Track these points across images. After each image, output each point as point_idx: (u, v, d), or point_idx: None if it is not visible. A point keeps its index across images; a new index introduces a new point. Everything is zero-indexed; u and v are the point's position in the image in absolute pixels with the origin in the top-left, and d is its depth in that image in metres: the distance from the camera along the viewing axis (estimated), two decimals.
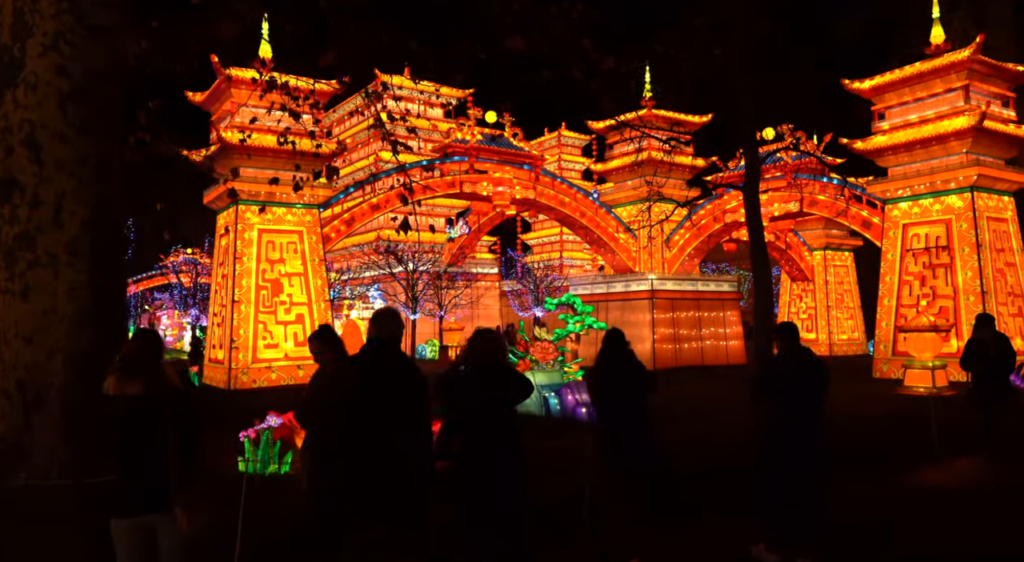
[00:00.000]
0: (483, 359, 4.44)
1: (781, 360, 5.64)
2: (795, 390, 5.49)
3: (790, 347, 5.64)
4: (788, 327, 5.68)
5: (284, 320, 20.12)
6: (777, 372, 5.61)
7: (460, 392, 4.42)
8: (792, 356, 5.60)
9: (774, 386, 5.59)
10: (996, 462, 9.09)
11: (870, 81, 20.99)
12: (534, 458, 9.88)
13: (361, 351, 4.05)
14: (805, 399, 5.52)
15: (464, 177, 24.74)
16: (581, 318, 21.55)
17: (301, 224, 20.87)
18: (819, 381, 5.54)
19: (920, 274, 20.22)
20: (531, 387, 4.61)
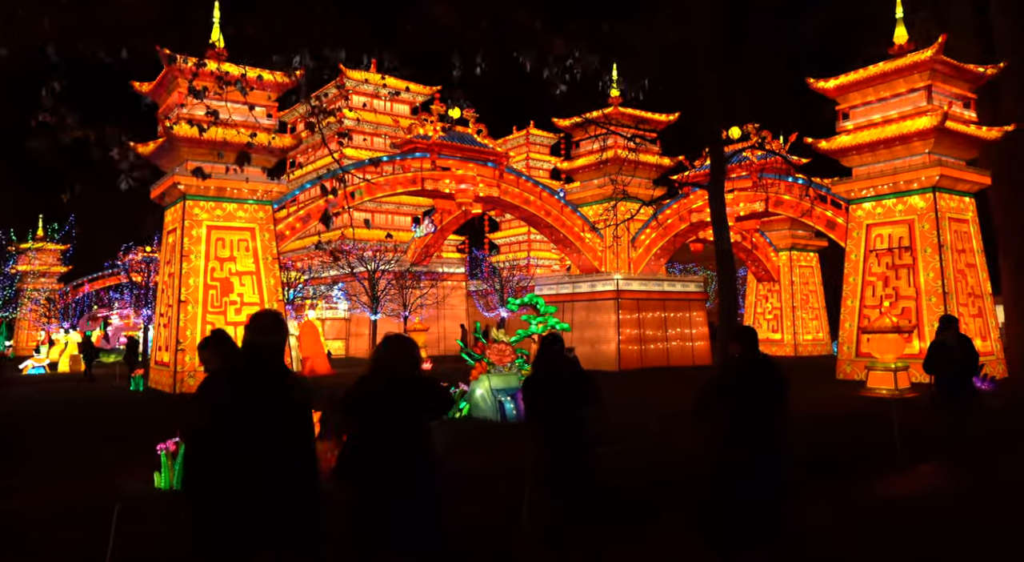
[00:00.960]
0: (391, 369, 3.87)
1: (735, 366, 5.18)
2: (750, 398, 5.03)
3: (746, 353, 5.18)
4: (746, 332, 5.21)
5: (235, 321, 19.25)
6: (726, 381, 5.13)
7: (363, 406, 3.85)
8: (748, 362, 5.15)
9: (722, 396, 5.12)
10: (959, 467, 8.79)
11: (834, 80, 20.87)
12: (483, 466, 9.40)
13: (228, 364, 3.45)
14: (761, 408, 5.07)
15: (426, 174, 24.09)
16: (544, 319, 21.09)
17: (253, 221, 20.04)
18: (777, 389, 5.10)
19: (883, 275, 20.14)
20: (449, 400, 4.06)
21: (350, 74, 43.98)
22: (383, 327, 38.47)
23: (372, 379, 3.90)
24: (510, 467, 8.46)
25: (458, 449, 10.37)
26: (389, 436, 3.74)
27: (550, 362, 5.09)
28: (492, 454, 10.03)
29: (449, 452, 9.90)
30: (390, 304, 32.59)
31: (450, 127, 25.69)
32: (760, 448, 4.99)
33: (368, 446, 3.74)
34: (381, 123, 45.01)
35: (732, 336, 5.28)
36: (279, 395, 3.32)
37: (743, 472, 4.96)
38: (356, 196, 22.31)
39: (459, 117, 25.60)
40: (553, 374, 5.10)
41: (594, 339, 26.60)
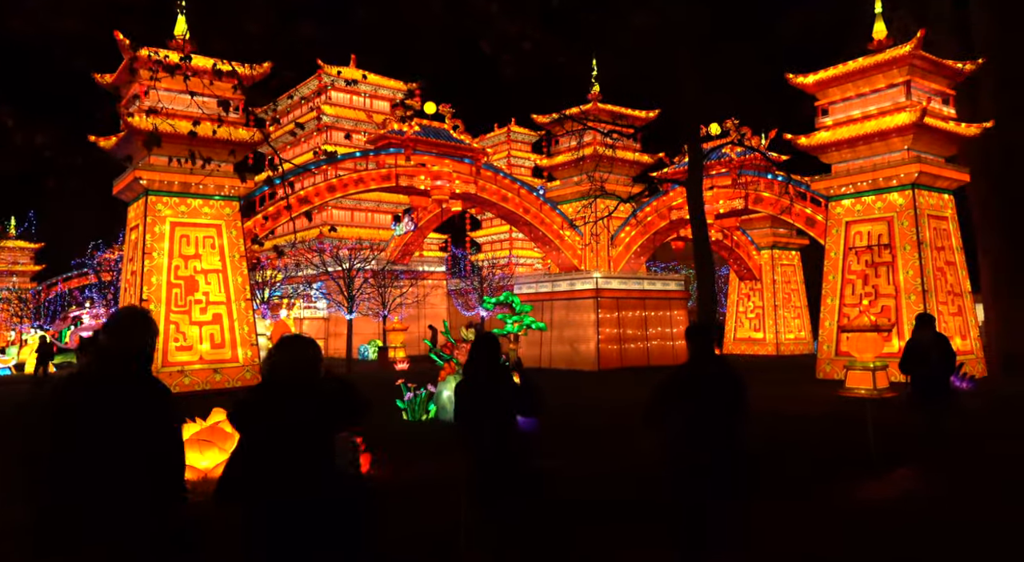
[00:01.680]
0: (284, 375, 3.40)
1: (687, 367, 4.76)
2: (707, 400, 4.62)
3: (699, 353, 4.77)
4: (698, 330, 4.80)
5: (199, 320, 18.67)
6: (680, 383, 4.72)
7: (250, 418, 3.38)
8: (701, 363, 4.73)
9: (677, 399, 4.70)
10: (933, 470, 8.45)
11: (814, 76, 20.60)
12: (440, 475, 8.94)
13: (77, 370, 2.99)
14: (720, 410, 4.65)
15: (400, 170, 23.58)
16: (519, 318, 20.68)
17: (220, 217, 19.43)
18: (732, 394, 4.69)
19: (863, 273, 19.90)
20: (359, 409, 3.59)
21: (328, 70, 43.32)
22: (361, 327, 37.92)
23: (263, 387, 3.44)
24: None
25: (421, 456, 9.91)
26: (280, 450, 3.28)
27: (480, 365, 4.57)
28: (454, 461, 9.57)
29: (391, 462, 9.45)
30: (365, 303, 31.98)
31: (428, 124, 25.21)
32: (720, 450, 4.60)
33: (255, 463, 3.28)
34: (361, 120, 44.39)
35: (686, 335, 4.87)
36: (133, 402, 2.86)
37: (703, 475, 4.58)
38: (320, 195, 21.77)
39: (435, 112, 25.13)
40: (483, 381, 4.56)
41: (573, 338, 26.22)
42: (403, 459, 9.55)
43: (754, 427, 11.27)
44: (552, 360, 26.73)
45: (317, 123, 43.27)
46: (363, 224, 43.71)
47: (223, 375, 18.72)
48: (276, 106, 48.25)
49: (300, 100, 46.38)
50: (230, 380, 18.82)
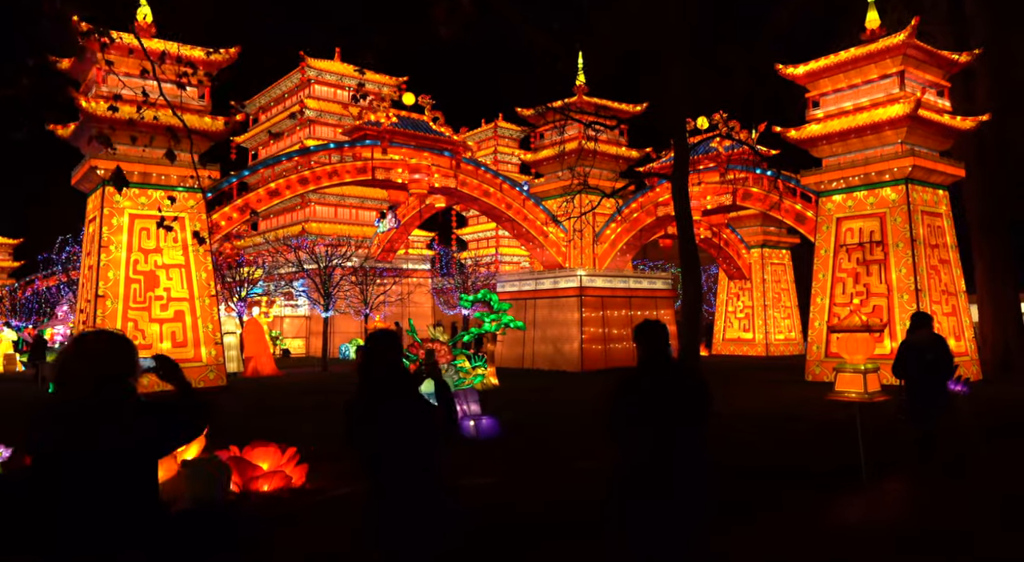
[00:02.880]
0: (81, 389, 2.59)
1: (636, 374, 3.96)
2: (661, 413, 3.82)
3: (652, 357, 3.96)
4: (648, 328, 4.00)
5: (160, 317, 17.77)
6: (629, 392, 3.91)
7: (40, 439, 2.56)
8: (652, 368, 3.93)
9: (628, 410, 3.90)
10: (926, 485, 7.68)
11: (804, 66, 19.86)
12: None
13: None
14: (672, 427, 3.85)
15: (377, 162, 22.70)
16: (497, 316, 19.85)
17: (183, 209, 18.52)
18: (691, 403, 3.88)
19: (854, 271, 19.17)
20: (190, 426, 2.78)
21: (312, 63, 42.39)
22: (344, 325, 37.02)
23: (61, 402, 2.62)
24: None
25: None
26: (83, 493, 2.47)
27: (376, 373, 3.68)
28: None
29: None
30: (342, 301, 31.07)
31: (406, 115, 24.35)
32: (677, 472, 3.80)
33: (56, 512, 2.47)
34: (345, 115, 43.44)
35: (634, 334, 4.06)
36: None
37: (657, 499, 3.79)
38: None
39: (414, 104, 24.28)
40: (379, 393, 3.54)
41: (556, 338, 25.42)
42: (346, 471, 8.70)
43: (735, 433, 10.48)
44: (535, 360, 25.93)
45: (300, 117, 42.32)
46: (347, 221, 42.82)
47: (187, 376, 17.80)
48: (259, 101, 47.31)
49: (283, 94, 45.42)
50: (193, 380, 17.60)
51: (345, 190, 42.12)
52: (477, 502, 6.92)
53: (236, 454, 7.25)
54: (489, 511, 6.63)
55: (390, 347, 3.63)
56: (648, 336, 3.97)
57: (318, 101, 42.31)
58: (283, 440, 10.85)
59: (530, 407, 14.59)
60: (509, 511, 6.77)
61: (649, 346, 3.95)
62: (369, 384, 3.57)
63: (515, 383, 19.91)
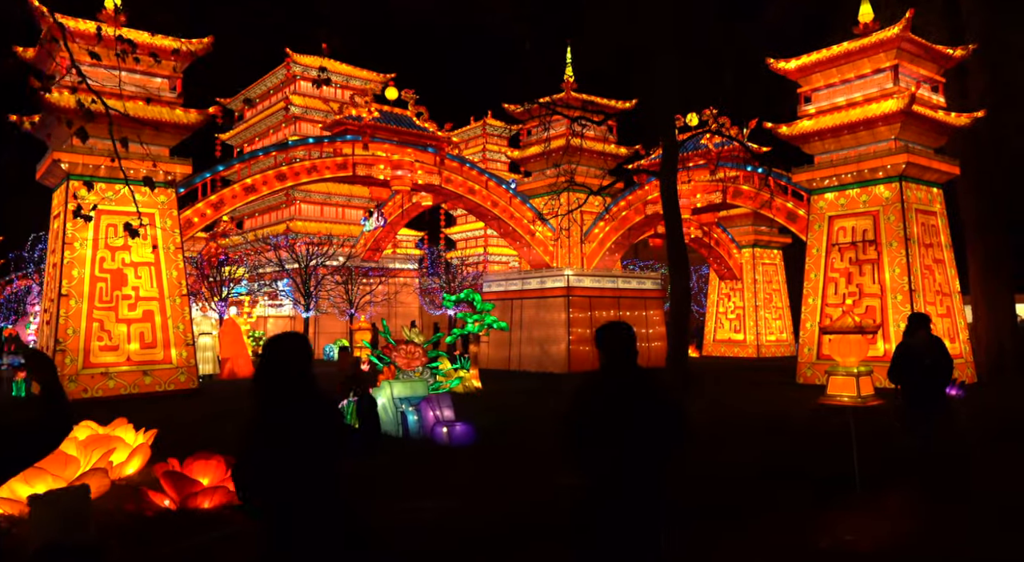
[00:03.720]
0: None
1: (593, 387, 3.36)
2: (611, 442, 3.23)
3: (614, 367, 3.37)
4: (610, 332, 3.41)
5: (128, 317, 17.07)
6: (584, 409, 3.32)
7: None
8: (612, 382, 3.33)
9: (581, 431, 3.31)
10: (925, 499, 7.12)
11: (796, 61, 19.36)
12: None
13: None
14: (628, 459, 3.24)
15: (358, 158, 22.05)
16: (480, 316, 19.25)
17: (153, 205, 17.83)
18: (656, 428, 3.28)
19: (846, 271, 18.66)
20: (40, 444, 2.21)
21: (297, 58, 41.65)
22: (330, 325, 36.32)
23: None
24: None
25: None
26: None
27: (277, 385, 2.99)
28: (371, 480, 8.11)
29: None
30: (326, 301, 30.46)
31: (388, 110, 23.71)
32: (627, 518, 3.21)
33: None
34: (332, 111, 42.72)
35: (595, 338, 3.48)
36: None
37: (611, 536, 3.20)
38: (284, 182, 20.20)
39: (397, 98, 23.65)
40: (281, 409, 2.89)
41: (543, 339, 24.83)
42: None
43: (720, 442, 9.89)
44: (521, 362, 25.33)
45: (285, 114, 41.58)
46: (333, 219, 42.10)
47: (154, 378, 17.14)
48: (244, 97, 46.52)
49: (268, 90, 44.66)
50: (162, 383, 17.25)
51: (331, 188, 41.42)
52: (424, 524, 6.32)
53: (174, 468, 6.61)
54: (435, 537, 6.01)
55: (294, 355, 3.01)
56: (610, 341, 3.37)
57: (303, 97, 41.58)
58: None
59: (512, 411, 13.98)
60: (459, 538, 6.15)
61: (612, 353, 3.36)
62: (262, 398, 2.95)
63: (499, 386, 19.30)
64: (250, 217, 45.87)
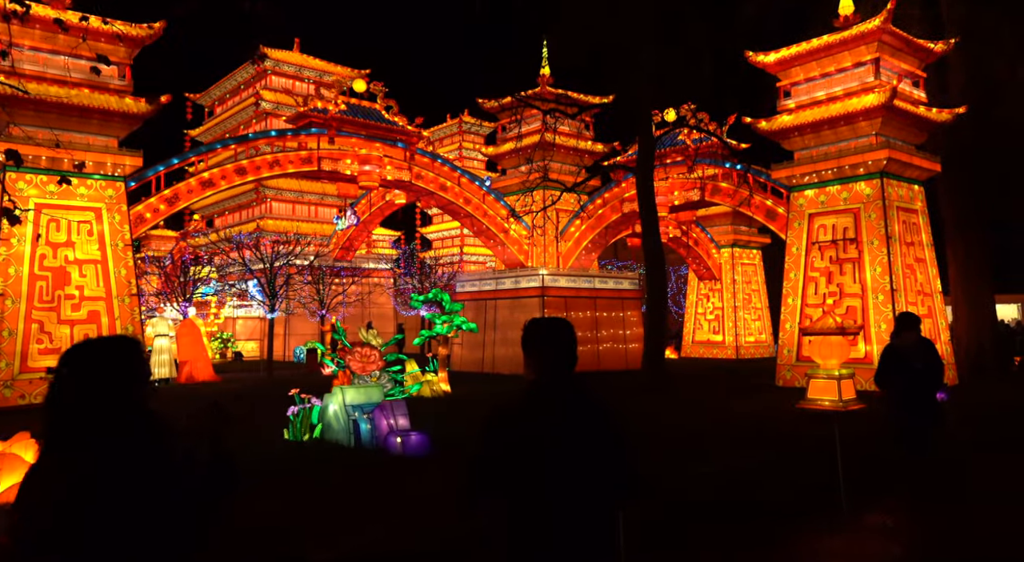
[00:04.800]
0: None
1: (525, 405, 2.57)
2: (534, 484, 2.43)
3: (543, 381, 2.58)
4: (539, 330, 2.64)
5: (71, 318, 16.03)
6: (510, 433, 2.53)
7: None
8: (539, 402, 2.54)
9: (502, 463, 2.51)
10: (919, 521, 6.45)
11: (775, 54, 18.81)
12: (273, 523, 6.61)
13: None
14: (560, 505, 2.44)
15: (323, 152, 21.14)
16: (449, 317, 18.44)
17: (99, 199, 16.80)
18: (594, 462, 2.50)
19: (827, 270, 18.12)
20: None
21: (270, 53, 40.54)
22: (300, 326, 35.26)
23: None
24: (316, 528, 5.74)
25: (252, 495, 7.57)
26: None
27: (67, 425, 2.16)
28: (300, 501, 7.27)
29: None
30: (295, 301, 29.40)
31: (356, 103, 22.81)
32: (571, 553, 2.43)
33: None
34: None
35: (523, 344, 2.70)
36: None
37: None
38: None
39: (365, 91, 22.76)
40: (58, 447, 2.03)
41: (518, 341, 23.84)
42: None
43: (689, 452, 9.17)
44: (495, 364, 24.56)
45: (255, 109, 40.43)
46: (305, 218, 41.02)
47: None
48: (214, 92, 45.29)
49: (239, 86, 43.47)
50: None
51: (303, 186, 40.36)
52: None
53: None
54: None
55: (98, 372, 2.17)
56: (543, 344, 2.58)
57: (275, 93, 40.46)
58: None
59: (477, 419, 13.17)
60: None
61: (545, 362, 2.57)
62: (51, 437, 2.11)
63: (470, 389, 18.51)
64: (220, 215, 44.65)
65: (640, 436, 10.88)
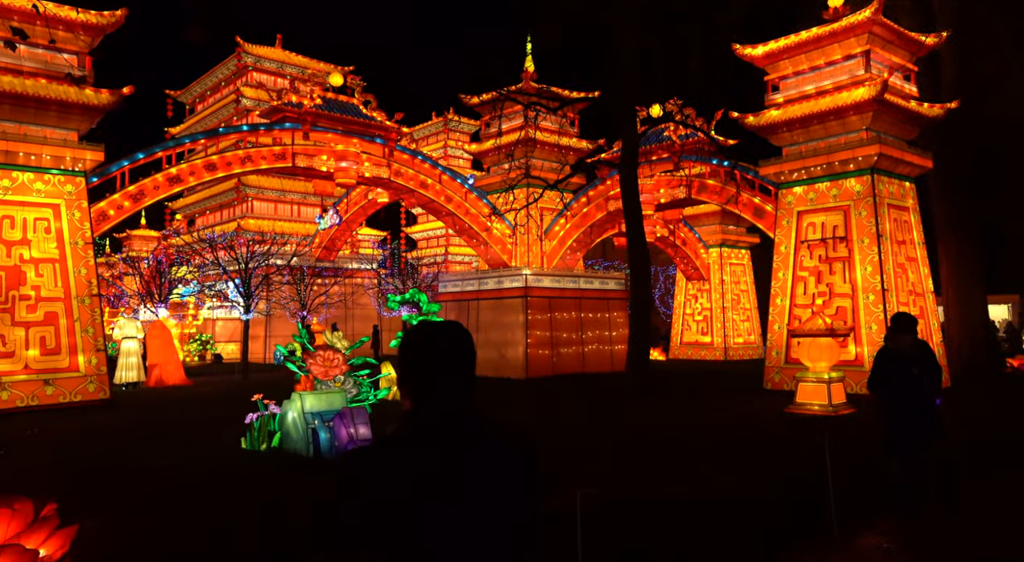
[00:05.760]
0: None
1: (400, 453, 1.87)
2: (446, 521, 1.76)
3: (432, 413, 1.89)
4: (423, 342, 1.94)
5: (26, 320, 15.24)
6: (390, 478, 1.84)
7: None
8: (427, 444, 1.84)
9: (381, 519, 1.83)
10: (919, 544, 5.86)
11: (763, 47, 18.26)
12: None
13: None
14: (477, 541, 1.78)
15: (298, 148, 20.42)
16: (426, 318, 17.77)
17: (58, 195, 16.02)
18: (507, 492, 1.84)
19: (816, 269, 17.58)
20: None
21: (249, 48, 39.74)
22: (282, 328, 34.44)
23: None
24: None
25: (179, 510, 6.89)
26: None
27: None
28: (251, 513, 6.59)
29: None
30: (274, 302, 28.65)
31: (332, 97, 22.09)
32: None
33: None
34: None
35: (401, 363, 2.01)
36: None
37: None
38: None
39: (342, 85, 22.04)
40: None
41: (500, 342, 23.42)
42: (146, 532, 6.53)
43: (666, 465, 8.53)
44: (479, 367, 23.72)
45: (236, 106, 39.58)
46: (287, 217, 40.24)
47: (57, 388, 15.33)
48: (194, 89, 44.41)
49: (219, 82, 42.61)
50: (67, 393, 15.44)
51: (285, 184, 39.58)
52: None
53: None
54: None
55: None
56: (425, 359, 1.91)
57: (256, 89, 39.61)
58: (129, 475, 8.64)
59: None
60: None
61: (426, 386, 1.89)
62: None
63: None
64: (202, 215, 43.79)
65: (616, 443, 10.30)
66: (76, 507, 7.12)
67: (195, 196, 41.74)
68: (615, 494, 7.05)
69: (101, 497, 7.62)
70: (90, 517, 6.77)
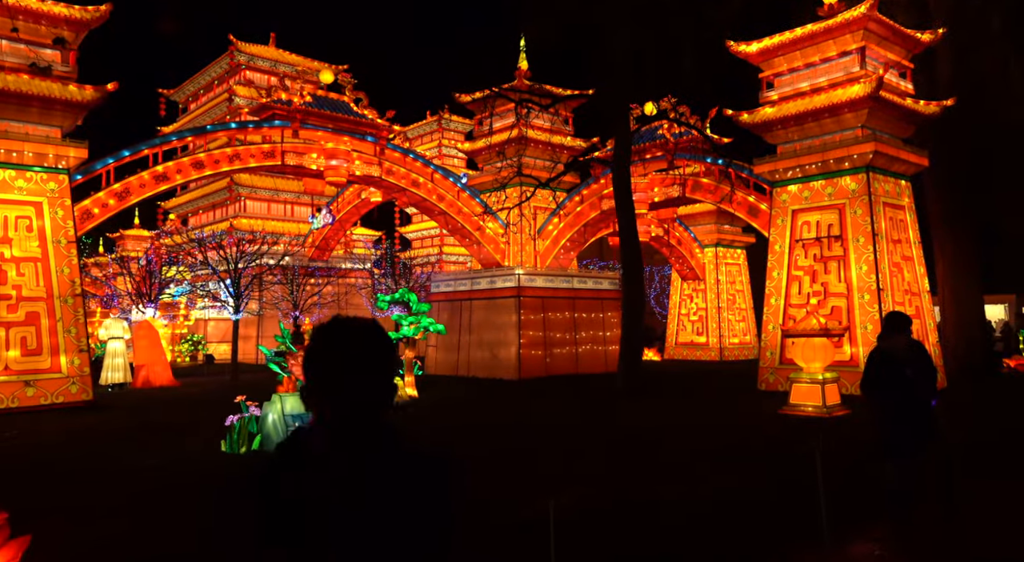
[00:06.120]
0: None
1: (293, 474, 1.61)
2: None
3: (343, 431, 1.61)
4: (329, 341, 1.66)
5: (6, 320, 14.97)
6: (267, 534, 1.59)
7: None
8: (330, 462, 1.58)
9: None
10: (913, 551, 5.62)
11: (758, 43, 18.04)
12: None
13: None
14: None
15: (287, 146, 20.15)
16: (416, 319, 17.55)
17: (40, 193, 15.74)
18: (411, 508, 1.57)
19: (811, 268, 17.37)
20: None
21: (242, 47, 39.47)
22: (272, 328, 34.14)
23: None
24: None
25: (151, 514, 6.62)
26: None
27: None
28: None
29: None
30: (264, 302, 28.35)
31: (323, 94, 21.82)
32: None
33: None
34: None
35: (306, 361, 1.74)
36: None
37: None
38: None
39: (332, 82, 21.78)
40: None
41: (493, 343, 23.18)
42: (111, 539, 6.26)
43: (656, 470, 8.28)
44: (471, 367, 23.65)
45: (229, 105, 39.30)
46: (280, 217, 39.98)
47: (38, 389, 15.05)
48: (187, 88, 44.12)
49: (212, 81, 42.32)
50: (48, 395, 15.16)
51: (279, 184, 39.31)
52: None
53: None
54: None
55: None
56: (330, 363, 1.64)
57: (249, 88, 39.35)
58: (108, 478, 8.39)
59: (435, 433, 12.24)
60: None
61: (330, 395, 1.62)
62: None
63: (439, 394, 17.63)
64: (195, 214, 43.51)
65: (605, 446, 10.07)
66: (51, 511, 6.87)
67: (188, 195, 41.47)
68: (604, 496, 6.82)
69: (78, 501, 7.39)
70: (62, 522, 6.52)
